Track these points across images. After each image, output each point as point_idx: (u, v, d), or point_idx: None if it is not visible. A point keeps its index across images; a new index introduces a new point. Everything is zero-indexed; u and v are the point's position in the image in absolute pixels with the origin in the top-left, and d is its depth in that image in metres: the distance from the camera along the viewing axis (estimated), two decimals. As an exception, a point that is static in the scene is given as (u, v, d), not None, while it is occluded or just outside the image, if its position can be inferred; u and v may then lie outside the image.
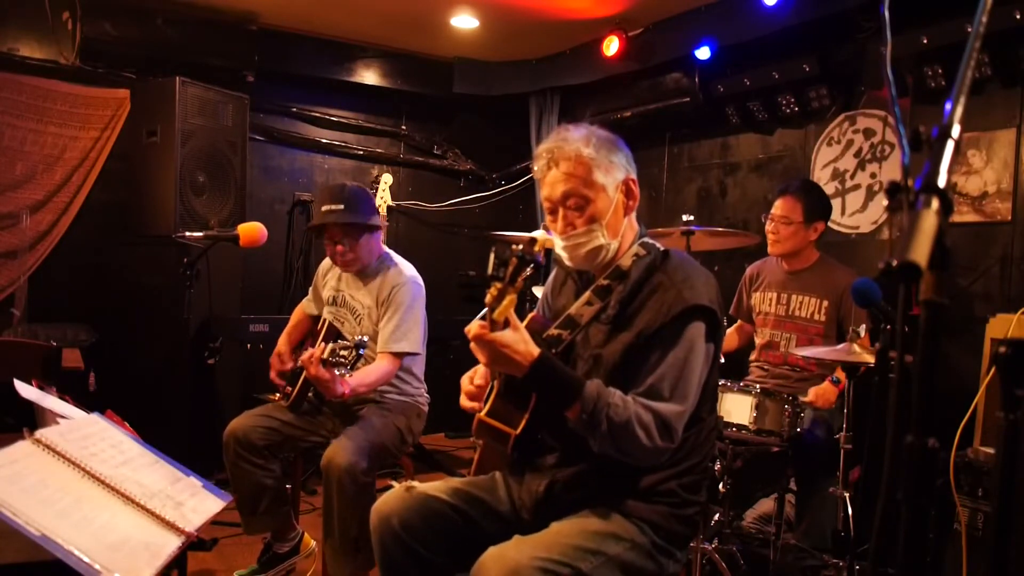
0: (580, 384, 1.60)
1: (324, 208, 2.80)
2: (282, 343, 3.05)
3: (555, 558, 1.57)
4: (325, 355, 2.51)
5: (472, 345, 1.60)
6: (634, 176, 1.81)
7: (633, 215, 1.84)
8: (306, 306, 3.18)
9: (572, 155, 1.73)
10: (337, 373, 2.54)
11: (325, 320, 2.95)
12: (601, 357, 1.72)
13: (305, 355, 2.56)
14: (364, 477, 2.55)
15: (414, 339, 2.83)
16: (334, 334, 2.85)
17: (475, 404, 1.81)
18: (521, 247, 1.46)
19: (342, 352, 2.51)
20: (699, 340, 1.69)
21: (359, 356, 2.51)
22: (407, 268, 2.95)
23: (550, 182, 1.76)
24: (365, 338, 2.55)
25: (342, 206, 2.76)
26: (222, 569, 2.99)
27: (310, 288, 3.19)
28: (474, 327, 1.57)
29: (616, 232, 1.78)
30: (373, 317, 2.88)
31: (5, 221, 4.10)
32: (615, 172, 1.76)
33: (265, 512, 2.78)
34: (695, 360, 1.68)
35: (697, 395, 1.70)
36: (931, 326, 0.87)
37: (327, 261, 3.12)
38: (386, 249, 3.02)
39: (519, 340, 1.57)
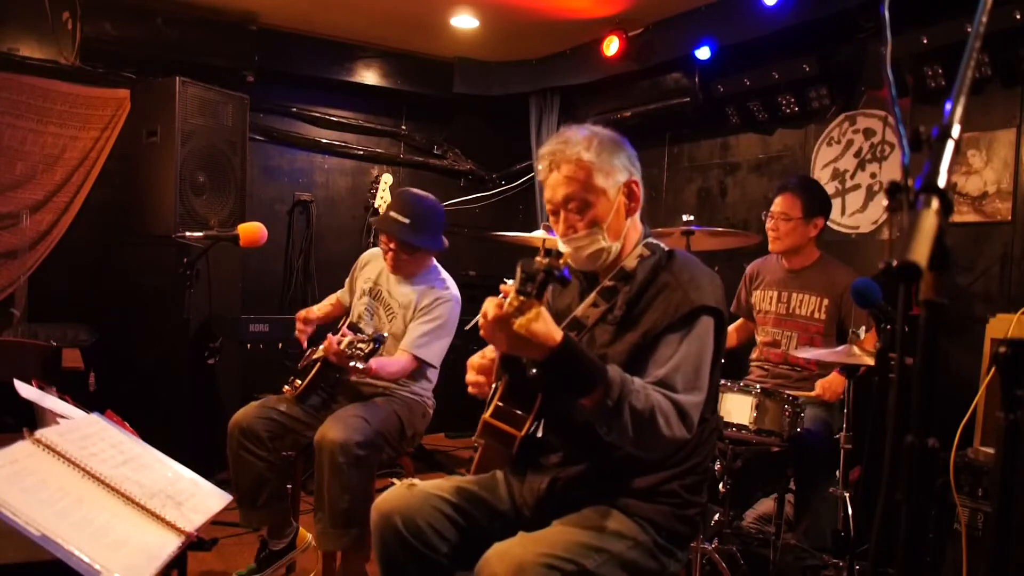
0: (604, 368, 1.54)
1: (392, 214, 2.84)
2: (313, 308, 3.09)
3: (559, 555, 1.57)
4: (343, 346, 2.56)
5: (486, 329, 1.49)
6: (637, 177, 1.80)
7: (636, 216, 1.84)
8: (342, 296, 3.21)
9: (573, 159, 1.73)
10: (351, 364, 2.56)
11: (348, 318, 2.98)
12: (607, 356, 1.71)
13: (324, 345, 2.59)
14: (357, 450, 2.55)
15: (436, 352, 2.88)
16: (354, 329, 2.88)
17: (481, 378, 1.78)
18: (547, 261, 1.41)
19: (359, 345, 2.54)
20: (708, 336, 1.70)
21: (375, 350, 2.53)
22: (453, 287, 2.99)
23: (552, 185, 1.77)
24: (385, 334, 2.57)
25: (408, 220, 2.81)
26: (222, 569, 2.99)
27: (346, 280, 3.20)
28: (491, 308, 1.47)
29: (618, 234, 1.78)
30: (407, 318, 2.90)
31: (5, 221, 4.10)
32: (616, 175, 1.75)
33: (264, 506, 2.77)
34: (706, 354, 1.69)
35: (706, 389, 1.70)
36: (931, 326, 0.87)
37: (370, 252, 3.15)
38: (436, 263, 3.05)
39: (541, 321, 1.46)
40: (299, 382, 2.86)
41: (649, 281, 1.74)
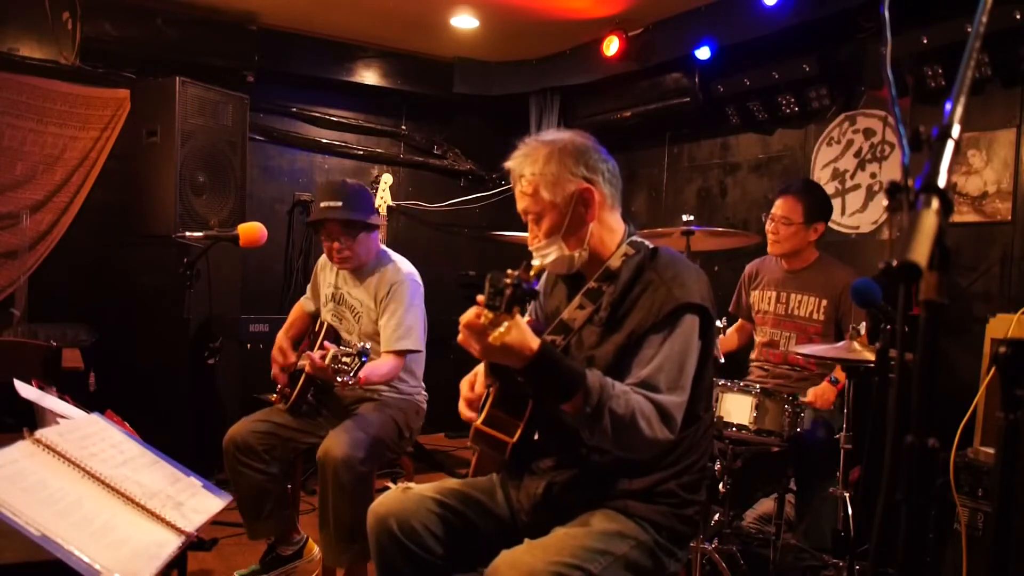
0: (582, 375, 1.56)
1: (322, 204, 2.81)
2: (281, 339, 3.03)
3: (567, 561, 1.57)
4: (327, 361, 2.51)
5: (462, 336, 1.52)
6: (598, 183, 1.78)
7: (609, 218, 1.82)
8: (304, 304, 3.18)
9: (520, 175, 1.80)
10: (339, 380, 2.53)
11: (323, 322, 2.95)
12: (594, 358, 1.72)
13: (305, 360, 2.55)
14: (360, 467, 2.55)
15: (416, 337, 2.84)
16: (332, 335, 2.85)
17: (473, 414, 1.80)
18: (517, 273, 1.42)
19: (344, 359, 2.49)
20: (693, 334, 1.70)
21: (362, 364, 2.49)
22: (404, 265, 2.95)
23: (516, 198, 1.85)
24: (368, 345, 2.54)
25: (340, 203, 2.77)
26: (222, 569, 2.99)
27: (308, 285, 3.19)
28: (469, 314, 1.50)
29: (580, 242, 1.78)
30: (372, 316, 2.88)
31: (5, 221, 4.10)
32: (565, 185, 1.75)
33: (269, 516, 2.78)
34: (691, 353, 1.69)
35: (689, 388, 1.70)
36: (931, 326, 0.87)
37: (325, 257, 3.13)
38: (383, 247, 3.02)
39: (515, 332, 1.49)
40: (288, 390, 2.85)
41: (633, 280, 1.73)
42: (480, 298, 1.47)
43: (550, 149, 1.78)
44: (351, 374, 2.48)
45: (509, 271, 1.43)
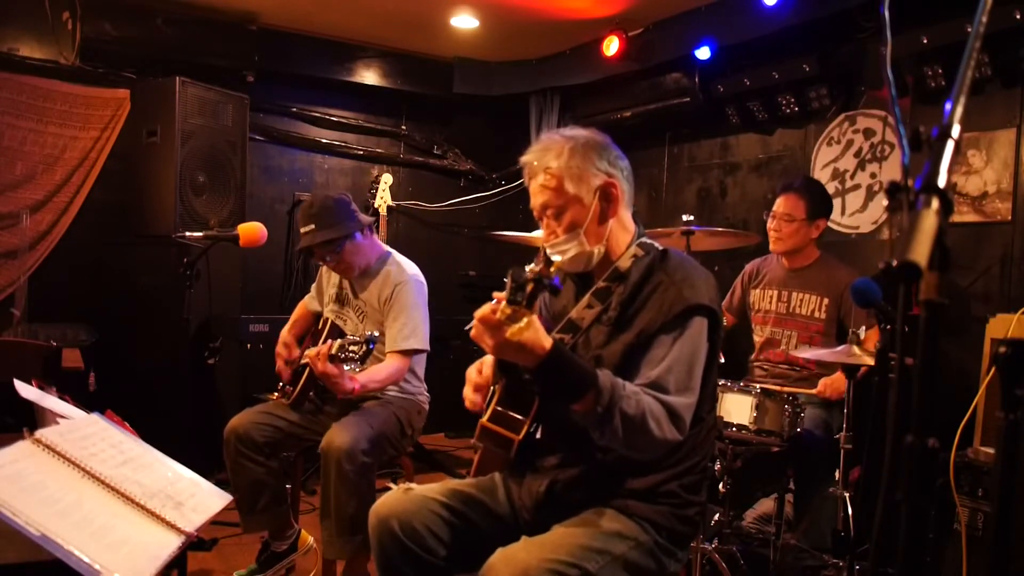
0: (594, 375, 1.55)
1: (301, 231, 2.85)
2: (285, 334, 3.05)
3: (563, 559, 1.57)
4: (334, 351, 2.51)
5: (476, 331, 1.51)
6: (618, 179, 1.78)
7: (625, 216, 1.83)
8: (308, 302, 3.19)
9: (542, 168, 1.77)
10: (346, 368, 2.53)
11: (327, 320, 2.95)
12: (602, 358, 1.72)
13: (312, 351, 2.55)
14: (364, 457, 2.55)
15: (421, 336, 2.85)
16: (337, 333, 2.86)
17: (477, 397, 1.79)
18: (539, 269, 1.41)
19: (352, 348, 2.50)
20: (701, 336, 1.70)
21: (369, 351, 2.50)
22: (409, 266, 2.96)
23: (532, 193, 1.82)
24: (376, 333, 2.55)
25: (312, 226, 2.79)
26: (222, 569, 2.99)
27: (313, 285, 3.20)
28: (484, 309, 1.48)
29: (599, 238, 1.78)
30: (376, 317, 2.89)
31: (5, 221, 4.10)
32: (590, 179, 1.75)
33: (263, 510, 2.78)
34: (699, 355, 1.69)
35: (698, 389, 1.70)
36: (931, 326, 0.87)
37: None
38: (387, 248, 3.02)
39: (531, 329, 1.48)
40: (291, 388, 2.85)
41: (643, 281, 1.73)
42: (496, 294, 1.47)
43: (573, 143, 1.77)
44: (359, 361, 2.48)
45: (529, 267, 1.42)
